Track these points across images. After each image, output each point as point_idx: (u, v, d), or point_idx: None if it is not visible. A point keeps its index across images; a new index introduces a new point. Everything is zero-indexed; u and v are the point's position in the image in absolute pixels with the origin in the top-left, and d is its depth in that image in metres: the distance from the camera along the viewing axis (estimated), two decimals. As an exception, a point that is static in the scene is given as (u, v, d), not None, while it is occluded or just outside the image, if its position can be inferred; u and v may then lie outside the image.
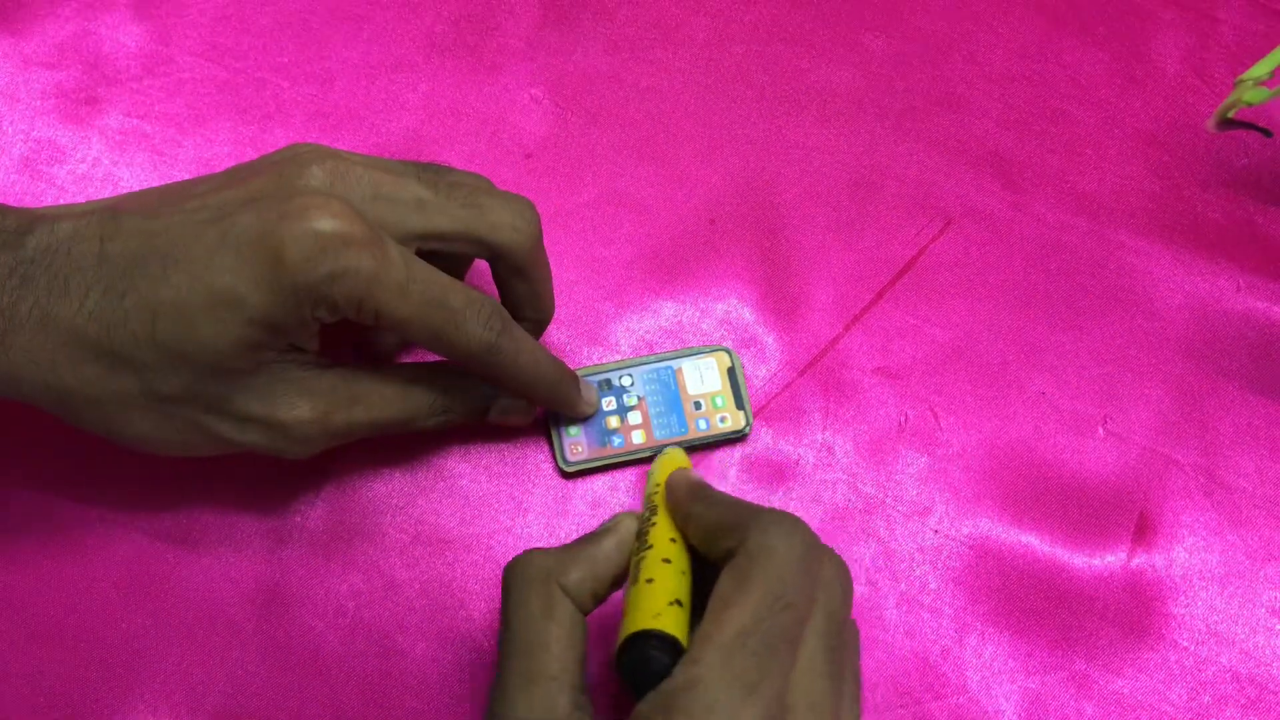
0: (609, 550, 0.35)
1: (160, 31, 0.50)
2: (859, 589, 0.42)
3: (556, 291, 0.45)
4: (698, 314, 0.46)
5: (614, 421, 0.43)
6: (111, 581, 0.41)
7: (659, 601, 0.33)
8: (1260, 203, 0.48)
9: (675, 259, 0.47)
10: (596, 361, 0.45)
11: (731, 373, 0.44)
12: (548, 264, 0.40)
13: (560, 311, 0.45)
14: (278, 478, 0.42)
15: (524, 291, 0.40)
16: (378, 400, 0.38)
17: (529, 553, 0.34)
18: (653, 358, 0.44)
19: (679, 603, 0.33)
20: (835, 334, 0.46)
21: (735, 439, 0.44)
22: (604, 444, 0.43)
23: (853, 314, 0.46)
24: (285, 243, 0.32)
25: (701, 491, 0.36)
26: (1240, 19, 0.51)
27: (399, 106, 0.49)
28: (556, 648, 0.33)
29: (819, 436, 0.44)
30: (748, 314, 0.46)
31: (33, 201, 0.46)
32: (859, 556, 0.42)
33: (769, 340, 0.45)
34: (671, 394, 0.43)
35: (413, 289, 0.34)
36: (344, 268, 0.33)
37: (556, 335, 0.45)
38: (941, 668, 0.41)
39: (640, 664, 0.31)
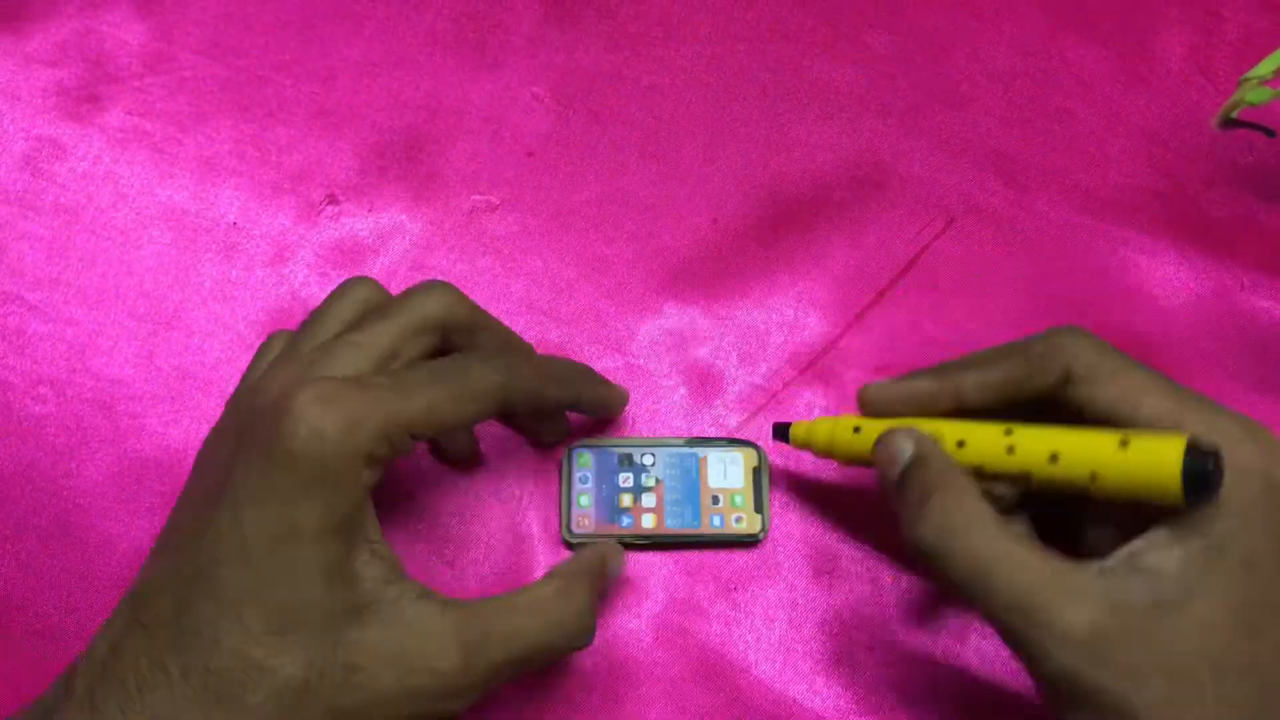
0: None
1: (162, 29, 0.50)
2: (861, 587, 0.42)
3: (558, 290, 0.45)
4: (699, 312, 0.46)
5: (627, 500, 0.41)
6: (111, 581, 0.41)
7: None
8: (1265, 200, 0.48)
9: (677, 257, 0.46)
10: (600, 435, 0.43)
11: (757, 473, 0.42)
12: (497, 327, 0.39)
13: (561, 310, 0.45)
14: (278, 476, 0.42)
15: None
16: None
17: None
18: (679, 440, 0.42)
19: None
20: (836, 333, 0.45)
21: (747, 543, 0.42)
22: (612, 521, 0.41)
23: (854, 312, 0.46)
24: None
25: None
26: (1246, 15, 0.51)
27: (400, 104, 0.49)
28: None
29: (820, 435, 0.44)
30: (748, 311, 0.46)
31: (33, 198, 0.47)
32: (860, 554, 0.42)
33: (770, 338, 0.45)
34: (691, 482, 0.42)
35: (415, 402, 0.33)
36: (354, 422, 0.31)
37: (557, 333, 0.45)
38: (944, 666, 0.41)
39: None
